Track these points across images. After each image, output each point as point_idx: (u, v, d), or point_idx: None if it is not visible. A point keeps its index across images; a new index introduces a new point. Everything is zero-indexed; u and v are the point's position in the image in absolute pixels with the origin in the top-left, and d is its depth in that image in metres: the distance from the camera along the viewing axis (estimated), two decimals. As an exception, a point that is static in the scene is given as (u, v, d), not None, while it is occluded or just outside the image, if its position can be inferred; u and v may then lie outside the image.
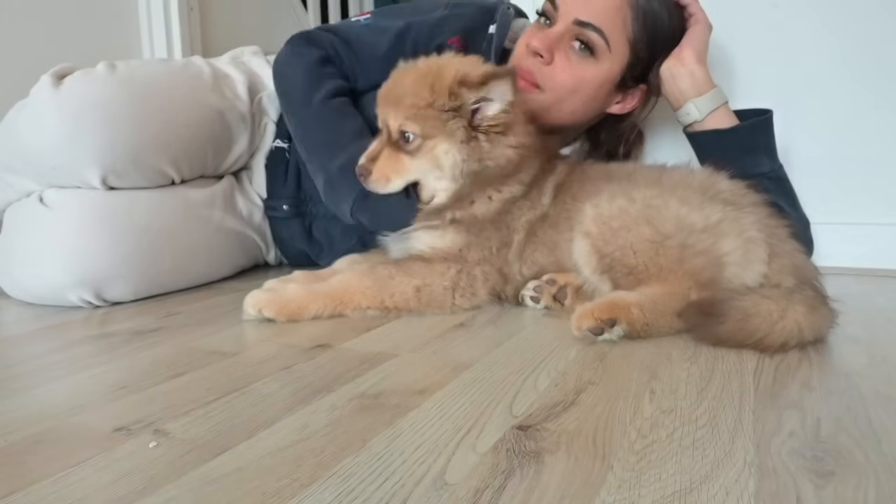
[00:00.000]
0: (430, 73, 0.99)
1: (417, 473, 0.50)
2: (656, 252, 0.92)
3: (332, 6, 2.95)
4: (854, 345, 0.85)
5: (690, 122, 1.18)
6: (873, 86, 1.36)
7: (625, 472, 0.50)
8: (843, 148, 1.40)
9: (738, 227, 0.93)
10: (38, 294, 1.15)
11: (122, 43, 1.84)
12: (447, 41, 1.22)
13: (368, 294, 1.00)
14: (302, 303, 0.98)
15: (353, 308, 1.00)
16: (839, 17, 1.37)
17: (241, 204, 1.40)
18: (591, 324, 0.84)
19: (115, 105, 1.14)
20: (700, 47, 1.16)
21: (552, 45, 1.13)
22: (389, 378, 0.72)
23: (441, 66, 1.00)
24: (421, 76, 0.99)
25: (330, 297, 0.99)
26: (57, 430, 0.60)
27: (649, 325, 0.86)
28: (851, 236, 1.38)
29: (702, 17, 1.16)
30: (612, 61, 1.14)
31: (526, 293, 1.04)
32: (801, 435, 0.57)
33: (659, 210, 0.94)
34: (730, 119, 1.17)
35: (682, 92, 1.17)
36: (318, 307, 0.98)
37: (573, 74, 1.14)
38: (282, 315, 0.97)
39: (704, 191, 0.98)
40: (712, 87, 1.16)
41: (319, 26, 1.37)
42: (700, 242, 0.91)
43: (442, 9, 1.27)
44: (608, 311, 0.85)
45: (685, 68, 1.15)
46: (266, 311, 0.97)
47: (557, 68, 1.14)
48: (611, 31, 1.11)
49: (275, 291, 1.01)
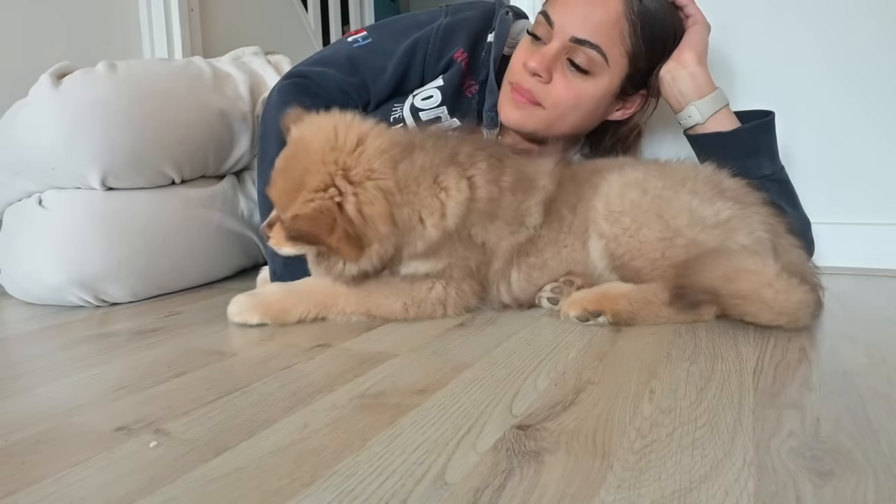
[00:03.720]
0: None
1: (417, 473, 0.50)
2: (663, 254, 0.94)
3: (332, 6, 2.94)
4: (853, 345, 0.85)
5: (692, 124, 1.17)
6: (873, 86, 1.36)
7: (624, 472, 0.50)
8: (842, 148, 1.40)
9: (747, 226, 0.94)
10: (37, 294, 1.15)
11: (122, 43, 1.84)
12: (454, 57, 1.21)
13: (353, 301, 0.98)
14: (285, 305, 0.97)
15: (336, 313, 0.98)
16: (839, 19, 1.37)
17: (243, 204, 1.40)
18: (577, 312, 0.93)
19: (114, 105, 1.14)
20: (700, 48, 1.15)
21: (550, 65, 1.12)
22: (389, 377, 0.72)
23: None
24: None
25: (314, 301, 0.98)
26: (57, 429, 0.60)
27: (634, 314, 0.93)
28: (851, 236, 1.38)
29: (700, 18, 1.15)
30: (611, 75, 1.13)
31: (543, 295, 1.03)
32: (801, 434, 0.57)
33: (670, 202, 0.95)
34: (731, 121, 1.16)
35: (683, 94, 1.15)
36: (301, 310, 0.97)
37: (572, 91, 1.13)
38: (266, 318, 0.96)
39: (713, 186, 0.99)
40: (714, 89, 1.15)
41: (316, 59, 1.27)
42: (711, 240, 0.93)
43: (442, 16, 1.24)
44: (596, 303, 0.93)
45: (686, 70, 1.14)
46: (248, 317, 0.96)
47: (557, 86, 1.13)
48: (608, 46, 1.10)
49: (256, 295, 1.00)
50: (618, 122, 1.25)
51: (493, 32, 1.22)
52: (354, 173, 0.90)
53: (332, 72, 1.23)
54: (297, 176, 0.91)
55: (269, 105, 1.23)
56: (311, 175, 0.90)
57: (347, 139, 0.92)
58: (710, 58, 1.17)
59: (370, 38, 1.26)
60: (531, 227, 1.01)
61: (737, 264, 0.88)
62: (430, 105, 1.22)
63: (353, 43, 1.26)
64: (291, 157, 0.94)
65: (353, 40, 1.27)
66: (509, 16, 1.24)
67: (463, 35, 1.22)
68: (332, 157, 0.90)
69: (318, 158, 0.90)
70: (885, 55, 1.35)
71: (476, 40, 1.23)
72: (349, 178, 0.90)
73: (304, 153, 0.92)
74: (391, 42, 1.24)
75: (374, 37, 1.26)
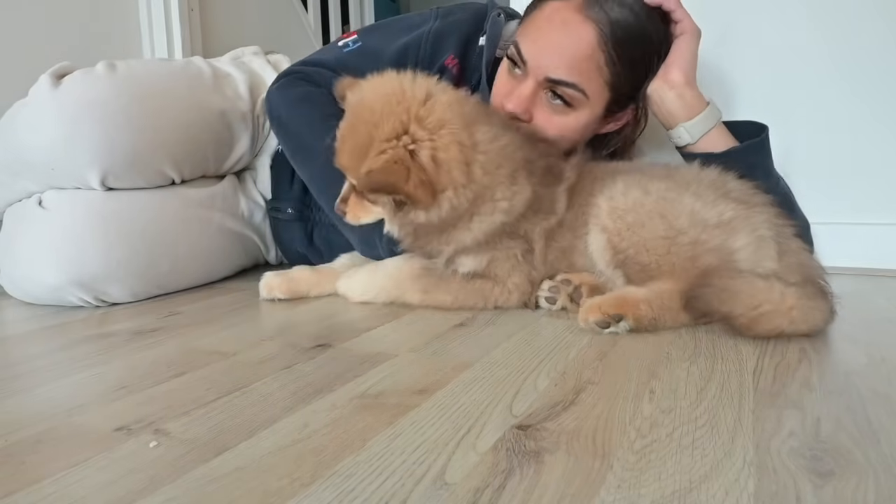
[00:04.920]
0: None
1: (417, 473, 0.50)
2: (668, 250, 0.93)
3: (332, 6, 2.94)
4: (853, 345, 0.85)
5: (683, 144, 1.14)
6: (874, 86, 1.36)
7: (624, 472, 0.50)
8: (843, 148, 1.40)
9: (749, 225, 0.94)
10: (37, 295, 1.15)
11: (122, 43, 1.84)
12: (444, 63, 1.20)
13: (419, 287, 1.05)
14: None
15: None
16: (839, 20, 1.37)
17: (243, 204, 1.40)
18: (597, 317, 0.88)
19: (114, 105, 1.13)
20: (688, 64, 1.09)
21: (528, 106, 1.10)
22: (389, 378, 0.72)
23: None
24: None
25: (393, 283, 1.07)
26: (57, 429, 0.60)
27: (656, 319, 0.89)
28: (851, 236, 1.38)
29: (688, 26, 1.08)
30: (591, 106, 1.10)
31: (541, 294, 1.04)
32: (801, 435, 0.57)
33: (673, 204, 0.95)
34: (724, 139, 1.12)
35: (672, 115, 1.12)
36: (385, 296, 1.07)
37: (555, 126, 1.11)
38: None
39: (716, 189, 0.98)
40: (704, 107, 1.11)
41: (310, 60, 1.29)
42: (713, 239, 0.92)
43: (432, 20, 1.23)
44: (616, 307, 0.88)
45: (673, 91, 1.09)
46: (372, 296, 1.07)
47: (538, 123, 1.11)
48: (585, 81, 1.06)
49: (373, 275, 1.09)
50: (613, 132, 1.23)
51: (485, 35, 1.21)
52: (429, 121, 0.93)
53: (324, 71, 1.24)
54: (365, 133, 0.94)
55: (274, 103, 1.24)
56: (380, 128, 0.93)
57: (416, 92, 0.96)
58: (711, 59, 1.17)
59: (360, 41, 1.27)
60: (559, 213, 1.04)
61: (756, 299, 0.84)
62: None
63: (343, 48, 1.27)
64: (355, 120, 0.97)
65: (343, 44, 1.28)
66: (501, 17, 1.22)
67: (453, 40, 1.21)
68: (402, 107, 0.93)
69: (386, 111, 0.93)
70: (886, 55, 1.35)
71: (467, 44, 1.22)
72: (423, 126, 0.93)
73: (369, 113, 0.95)
74: (382, 45, 1.24)
75: (364, 40, 1.26)
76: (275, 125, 1.28)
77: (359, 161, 0.95)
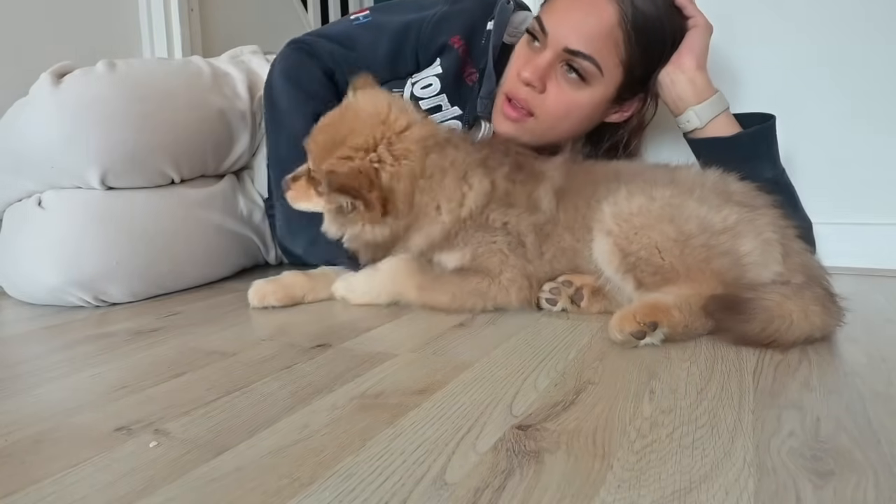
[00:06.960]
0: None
1: (417, 473, 0.50)
2: (682, 252, 0.91)
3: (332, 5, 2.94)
4: (853, 345, 0.85)
5: (691, 129, 1.16)
6: (874, 87, 1.36)
7: (624, 472, 0.50)
8: (843, 148, 1.40)
9: (754, 228, 0.93)
10: (36, 295, 1.15)
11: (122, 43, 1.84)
12: (449, 41, 1.22)
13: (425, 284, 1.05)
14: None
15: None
16: (840, 21, 1.37)
17: (242, 204, 1.40)
18: (633, 327, 0.82)
19: (114, 104, 1.14)
20: (700, 52, 1.14)
21: (543, 75, 1.12)
22: (389, 378, 0.72)
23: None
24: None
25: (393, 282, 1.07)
26: (57, 430, 0.60)
27: (689, 326, 0.85)
28: (851, 236, 1.38)
29: (701, 21, 1.14)
30: (605, 84, 1.13)
31: (542, 296, 1.03)
32: (801, 435, 0.57)
33: (679, 209, 0.94)
34: (731, 126, 1.15)
35: (681, 99, 1.15)
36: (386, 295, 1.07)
37: (566, 101, 1.14)
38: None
39: (719, 192, 0.98)
40: (713, 94, 1.14)
41: (317, 32, 1.35)
42: (721, 244, 0.91)
43: (442, 4, 1.25)
44: (650, 315, 0.83)
45: (685, 75, 1.13)
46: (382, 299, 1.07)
47: (550, 96, 1.14)
48: (602, 56, 1.09)
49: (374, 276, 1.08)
50: (616, 124, 1.25)
51: (493, 20, 1.23)
52: (396, 148, 1.01)
53: (328, 44, 1.28)
54: (341, 133, 1.01)
55: (273, 69, 1.28)
56: (355, 136, 1.01)
57: (399, 119, 1.03)
58: (712, 58, 1.17)
59: (370, 17, 1.30)
60: (547, 211, 1.05)
61: (784, 323, 0.82)
62: (430, 94, 1.24)
63: (353, 21, 1.31)
64: (339, 117, 1.04)
65: (354, 18, 1.32)
66: (510, 4, 1.25)
67: (459, 23, 1.23)
68: (380, 128, 1.02)
69: (366, 123, 1.02)
70: (886, 55, 1.35)
71: (473, 28, 1.24)
72: (390, 150, 1.01)
73: (354, 117, 1.03)
74: (387, 20, 1.26)
75: (373, 16, 1.30)
76: (265, 91, 1.31)
77: (325, 153, 1.01)
